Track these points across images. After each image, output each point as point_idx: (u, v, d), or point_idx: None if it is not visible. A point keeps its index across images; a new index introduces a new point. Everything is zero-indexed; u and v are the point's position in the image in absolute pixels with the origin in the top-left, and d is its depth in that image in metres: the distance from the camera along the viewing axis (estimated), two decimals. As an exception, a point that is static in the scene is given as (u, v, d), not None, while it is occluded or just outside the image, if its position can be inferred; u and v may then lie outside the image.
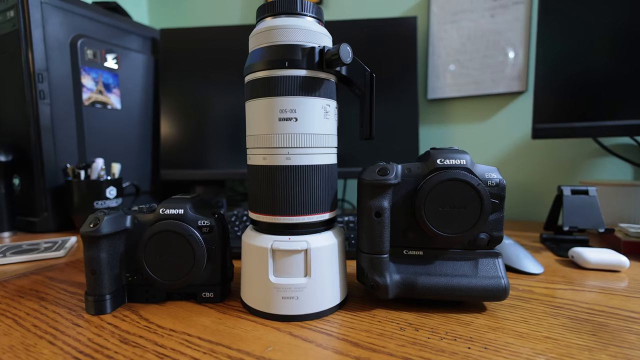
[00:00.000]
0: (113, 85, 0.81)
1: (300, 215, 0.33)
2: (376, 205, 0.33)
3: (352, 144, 0.77)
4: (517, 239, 0.62)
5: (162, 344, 0.29)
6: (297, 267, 0.33)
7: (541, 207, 0.81)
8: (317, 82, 0.33)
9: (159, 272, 0.35)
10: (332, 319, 0.33)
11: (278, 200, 0.33)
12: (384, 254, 0.34)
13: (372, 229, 0.34)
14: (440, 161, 0.34)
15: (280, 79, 0.32)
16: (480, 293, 0.33)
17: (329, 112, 0.34)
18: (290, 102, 0.32)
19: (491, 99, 0.84)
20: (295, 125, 0.32)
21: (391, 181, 0.33)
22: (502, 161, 0.84)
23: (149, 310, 0.35)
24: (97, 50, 0.77)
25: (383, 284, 0.34)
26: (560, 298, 0.37)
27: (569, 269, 0.47)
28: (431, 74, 0.88)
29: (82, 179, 0.68)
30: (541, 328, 0.31)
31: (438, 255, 0.35)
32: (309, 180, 0.33)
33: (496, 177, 0.34)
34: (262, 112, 0.33)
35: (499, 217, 0.34)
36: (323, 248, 0.33)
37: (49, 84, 0.69)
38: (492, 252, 0.35)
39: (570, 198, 0.57)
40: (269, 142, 0.33)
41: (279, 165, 0.32)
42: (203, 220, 0.36)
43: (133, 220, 0.36)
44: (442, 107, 0.88)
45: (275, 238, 0.33)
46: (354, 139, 0.76)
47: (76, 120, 0.74)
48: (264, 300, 0.33)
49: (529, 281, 0.42)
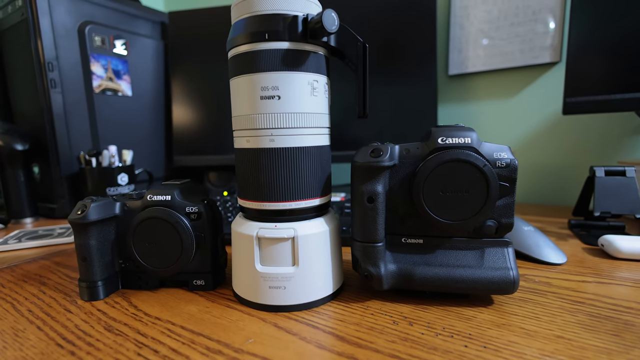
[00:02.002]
0: (123, 71, 0.81)
1: (287, 201, 0.31)
2: (369, 189, 0.31)
3: (362, 126, 0.73)
4: (543, 225, 0.57)
5: (145, 332, 0.28)
6: (284, 255, 0.31)
7: (574, 191, 0.74)
8: (301, 55, 0.30)
9: (149, 259, 0.35)
10: (323, 310, 0.31)
11: (263, 186, 0.31)
12: (378, 243, 0.31)
13: (364, 215, 0.31)
14: (442, 140, 0.30)
15: (260, 53, 0.29)
16: (485, 286, 0.30)
17: (317, 89, 0.31)
18: (271, 79, 0.29)
19: (519, 72, 0.77)
20: (278, 103, 0.30)
21: (385, 163, 0.30)
22: (530, 141, 0.77)
23: (140, 297, 0.35)
24: (105, 36, 0.77)
25: (377, 274, 0.31)
26: (582, 292, 0.33)
27: (597, 258, 0.42)
28: (453, 47, 0.81)
29: (93, 166, 0.69)
30: (554, 326, 0.27)
31: (440, 243, 0.32)
32: (296, 164, 0.31)
33: (506, 156, 0.30)
34: (244, 90, 0.30)
35: (509, 202, 0.30)
36: (312, 236, 0.31)
37: (60, 72, 0.70)
38: (500, 240, 0.31)
39: (604, 180, 0.51)
40: (251, 123, 0.30)
41: (262, 148, 0.30)
42: (191, 206, 0.35)
43: (122, 206, 0.36)
44: (465, 83, 0.82)
45: (262, 225, 0.31)
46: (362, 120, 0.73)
47: (88, 108, 0.75)
48: (252, 289, 0.32)
49: (548, 272, 0.38)
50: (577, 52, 0.60)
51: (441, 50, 0.83)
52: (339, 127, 0.75)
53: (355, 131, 0.74)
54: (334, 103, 0.74)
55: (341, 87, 0.70)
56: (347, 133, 0.74)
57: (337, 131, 0.75)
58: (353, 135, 0.74)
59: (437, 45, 0.82)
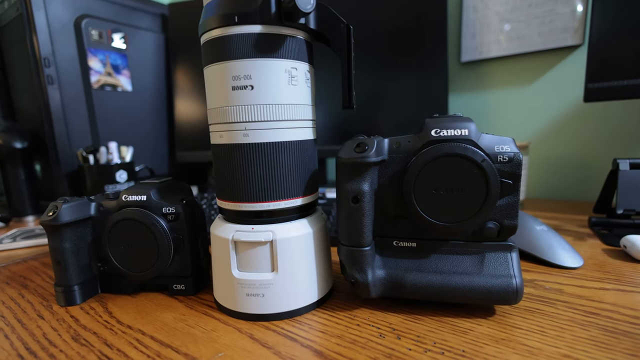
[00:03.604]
0: (122, 66, 0.80)
1: (264, 201, 0.28)
2: (354, 188, 0.28)
3: (366, 118, 0.70)
4: (560, 223, 0.53)
5: (112, 343, 0.26)
6: (262, 261, 0.29)
7: (596, 186, 0.69)
8: (276, 40, 0.27)
9: (125, 262, 0.33)
10: (305, 319, 0.29)
11: (239, 185, 0.28)
12: (365, 247, 0.28)
13: (350, 217, 0.28)
14: (436, 132, 0.27)
15: (230, 38, 0.26)
16: (484, 295, 0.27)
17: (297, 77, 0.28)
18: (243, 67, 0.26)
19: (538, 57, 0.71)
20: (251, 94, 0.27)
21: (371, 159, 0.27)
22: (548, 131, 0.72)
23: (118, 302, 0.33)
24: (103, 30, 0.75)
25: (363, 281, 0.28)
26: (598, 301, 0.30)
27: (618, 262, 0.38)
28: (465, 31, 0.76)
29: (91, 163, 0.68)
30: (561, 342, 0.24)
31: (435, 247, 0.29)
32: (274, 160, 0.28)
33: (509, 150, 0.26)
34: (215, 80, 0.28)
35: (513, 202, 0.27)
36: (293, 239, 0.29)
37: (56, 68, 0.69)
38: (503, 244, 0.28)
39: (628, 174, 0.47)
40: (224, 117, 0.28)
41: (236, 143, 0.28)
42: (168, 207, 0.33)
43: (98, 207, 0.34)
44: (478, 70, 0.77)
45: (238, 228, 0.29)
46: (367, 113, 0.69)
47: (87, 104, 0.74)
48: (229, 296, 0.30)
49: (561, 277, 0.34)
50: (601, 31, 0.55)
51: (453, 35, 0.78)
52: (342, 119, 0.72)
53: (359, 124, 0.70)
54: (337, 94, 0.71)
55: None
56: (351, 126, 0.71)
57: (340, 124, 0.72)
58: (357, 128, 0.71)
59: (449, 30, 0.78)
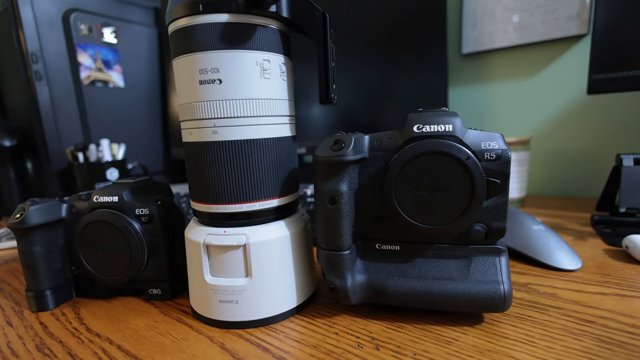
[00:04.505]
0: (113, 61, 0.78)
1: (237, 202, 0.27)
2: (331, 189, 0.26)
3: (366, 114, 0.68)
4: (561, 221, 0.50)
5: (75, 353, 0.25)
6: (235, 265, 0.27)
7: (601, 181, 0.66)
8: (246, 29, 0.25)
9: (97, 266, 0.32)
10: (282, 326, 0.27)
11: (209, 186, 0.27)
12: (344, 251, 0.27)
13: (327, 219, 0.26)
14: (418, 128, 0.25)
15: (196, 28, 0.25)
16: (470, 302, 0.25)
17: (270, 70, 0.26)
18: (210, 59, 0.25)
19: (541, 48, 0.68)
20: (219, 89, 0.25)
21: (348, 157, 0.25)
22: (551, 125, 0.69)
23: (91, 307, 0.32)
24: (92, 24, 0.74)
25: (342, 287, 0.27)
26: (595, 307, 0.28)
27: (620, 263, 0.36)
28: (466, 21, 0.74)
29: (81, 161, 0.67)
30: (550, 354, 0.22)
31: (419, 250, 0.27)
32: (246, 159, 0.26)
33: (497, 147, 0.24)
34: (183, 74, 0.26)
35: (501, 202, 0.25)
36: (268, 242, 0.27)
37: (44, 64, 0.68)
38: (491, 247, 0.26)
39: (632, 170, 0.44)
40: (192, 113, 0.26)
41: (205, 141, 0.26)
42: (141, 208, 0.31)
43: (70, 208, 0.33)
44: (479, 63, 0.74)
45: (210, 231, 0.27)
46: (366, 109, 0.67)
47: (77, 101, 0.73)
48: (202, 302, 0.28)
49: (558, 280, 0.33)
50: (606, 20, 0.52)
51: (454, 26, 0.75)
52: (343, 115, 0.70)
53: (362, 119, 0.68)
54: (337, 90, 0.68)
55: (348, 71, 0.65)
56: (351, 122, 0.69)
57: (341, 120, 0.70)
58: (360, 124, 0.68)
59: (449, 20, 0.75)
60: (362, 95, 0.67)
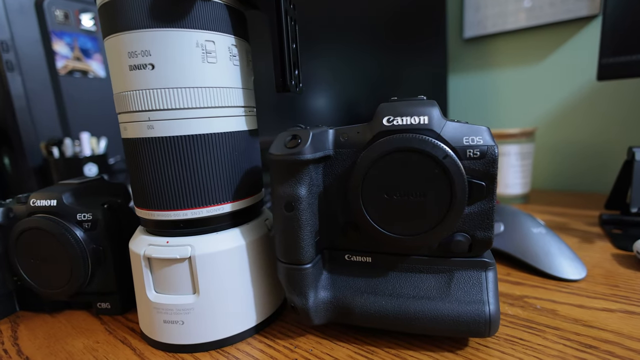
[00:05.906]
0: (93, 50, 0.74)
1: (180, 209, 0.23)
2: (287, 193, 0.22)
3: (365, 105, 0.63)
4: (567, 220, 0.46)
5: (-4, 382, 0.22)
6: (180, 281, 0.23)
7: (612, 175, 0.61)
8: (182, 4, 0.21)
9: (36, 278, 0.28)
10: (237, 350, 0.24)
11: (147, 189, 0.23)
12: (305, 264, 0.23)
13: (284, 228, 0.22)
14: (388, 120, 0.21)
15: (122, 2, 0.21)
16: (449, 326, 0.21)
17: (214, 53, 0.22)
18: (140, 40, 0.21)
19: (548, 31, 0.63)
20: (152, 75, 0.21)
21: (305, 156, 0.21)
22: (558, 115, 0.64)
23: (32, 324, 0.29)
24: (69, 10, 0.70)
25: (302, 306, 0.23)
26: (599, 327, 0.24)
27: (630, 271, 0.31)
28: (468, 4, 0.68)
29: (56, 157, 0.64)
30: (546, 396, 0.18)
31: (393, 263, 0.23)
32: (187, 158, 0.22)
33: (482, 143, 0.20)
34: (113, 57, 0.22)
35: (487, 208, 0.21)
36: (216, 254, 0.23)
37: (16, 53, 0.64)
38: (477, 261, 0.22)
39: (645, 162, 0.40)
40: (125, 105, 0.22)
41: (140, 137, 0.22)
42: (83, 213, 0.28)
43: (6, 213, 0.29)
44: (483, 48, 0.69)
45: (152, 241, 0.24)
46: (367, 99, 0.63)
47: (54, 93, 0.69)
48: (147, 322, 0.25)
49: (558, 293, 0.29)
50: None
51: (454, 8, 0.70)
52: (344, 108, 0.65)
53: (363, 111, 0.63)
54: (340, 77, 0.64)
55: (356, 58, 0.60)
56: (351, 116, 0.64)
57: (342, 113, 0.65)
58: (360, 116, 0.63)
59: (448, 2, 0.70)
60: (357, 83, 0.62)
